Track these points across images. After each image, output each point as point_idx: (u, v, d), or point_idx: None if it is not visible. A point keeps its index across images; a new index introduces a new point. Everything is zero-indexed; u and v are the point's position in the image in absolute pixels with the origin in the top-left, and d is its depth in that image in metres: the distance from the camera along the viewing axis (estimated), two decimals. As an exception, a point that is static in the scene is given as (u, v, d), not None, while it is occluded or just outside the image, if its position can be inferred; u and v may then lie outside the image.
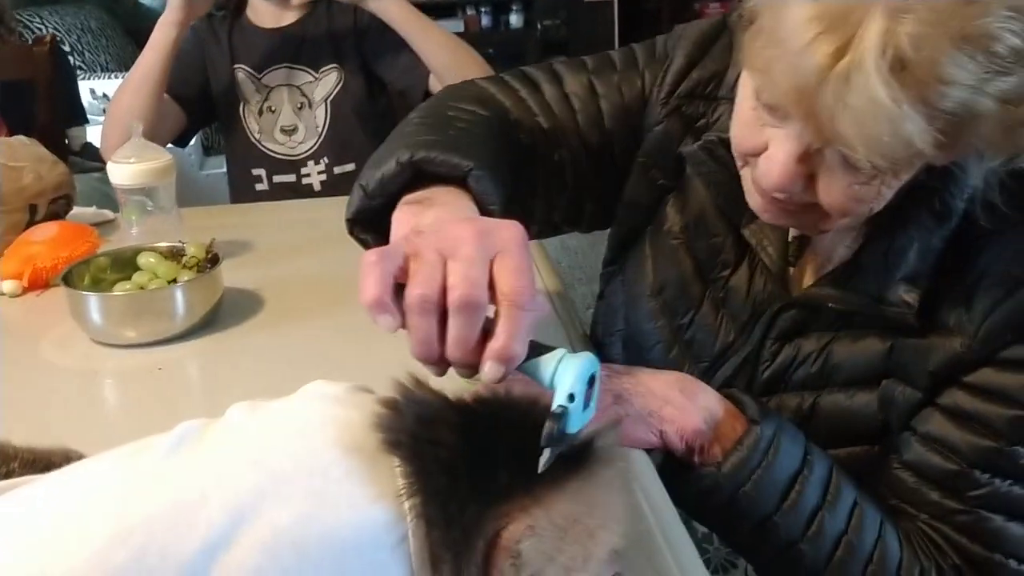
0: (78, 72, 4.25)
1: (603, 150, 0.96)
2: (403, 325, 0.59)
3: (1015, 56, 0.60)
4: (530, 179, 0.94)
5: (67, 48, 4.35)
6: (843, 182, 0.69)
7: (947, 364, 0.78)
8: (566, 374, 0.55)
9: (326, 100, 1.81)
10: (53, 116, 2.09)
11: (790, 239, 0.88)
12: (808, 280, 0.87)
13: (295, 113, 1.81)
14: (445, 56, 1.69)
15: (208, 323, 1.10)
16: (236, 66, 1.80)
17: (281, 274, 1.27)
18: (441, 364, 0.60)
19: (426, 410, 0.52)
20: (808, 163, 0.70)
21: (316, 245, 1.42)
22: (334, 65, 1.78)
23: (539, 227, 1.01)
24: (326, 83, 1.80)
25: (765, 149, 0.73)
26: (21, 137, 1.43)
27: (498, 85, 0.98)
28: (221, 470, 0.50)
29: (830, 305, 0.82)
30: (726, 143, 0.82)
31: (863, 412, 0.83)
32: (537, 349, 0.58)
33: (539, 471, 0.51)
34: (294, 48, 1.80)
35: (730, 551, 0.95)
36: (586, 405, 0.55)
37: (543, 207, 0.98)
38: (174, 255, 1.14)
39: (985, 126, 0.63)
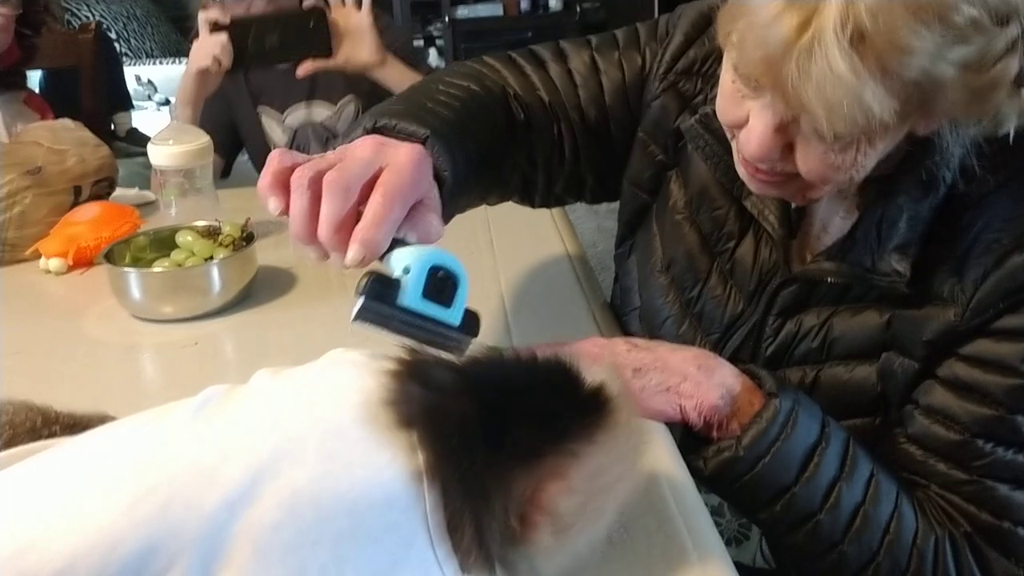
0: (124, 59, 4.34)
1: (602, 125, 0.99)
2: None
3: (972, 25, 0.61)
4: (528, 151, 0.97)
5: (113, 35, 4.44)
6: (819, 151, 0.71)
7: (942, 334, 0.79)
8: (408, 254, 0.60)
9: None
10: (97, 101, 2.14)
11: (792, 208, 0.89)
12: (808, 252, 0.88)
13: (322, 148, 1.84)
14: None
15: (243, 299, 1.14)
16: (259, 108, 1.83)
17: (313, 253, 1.30)
18: (315, 245, 0.66)
19: (437, 372, 0.55)
20: (785, 133, 0.72)
21: (348, 225, 1.44)
22: (350, 96, 1.80)
23: (541, 197, 1.04)
24: (346, 115, 1.82)
25: (747, 121, 0.75)
26: (65, 121, 1.47)
27: (503, 62, 1.00)
28: (242, 432, 0.52)
29: (829, 280, 0.83)
30: None
31: (863, 385, 0.84)
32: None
33: (350, 323, 0.55)
34: (309, 84, 1.81)
35: (743, 523, 0.97)
36: (445, 304, 0.59)
37: (544, 178, 1.00)
38: (211, 234, 1.18)
39: (951, 93, 0.64)
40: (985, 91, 0.65)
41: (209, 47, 1.54)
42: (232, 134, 1.88)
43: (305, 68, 1.60)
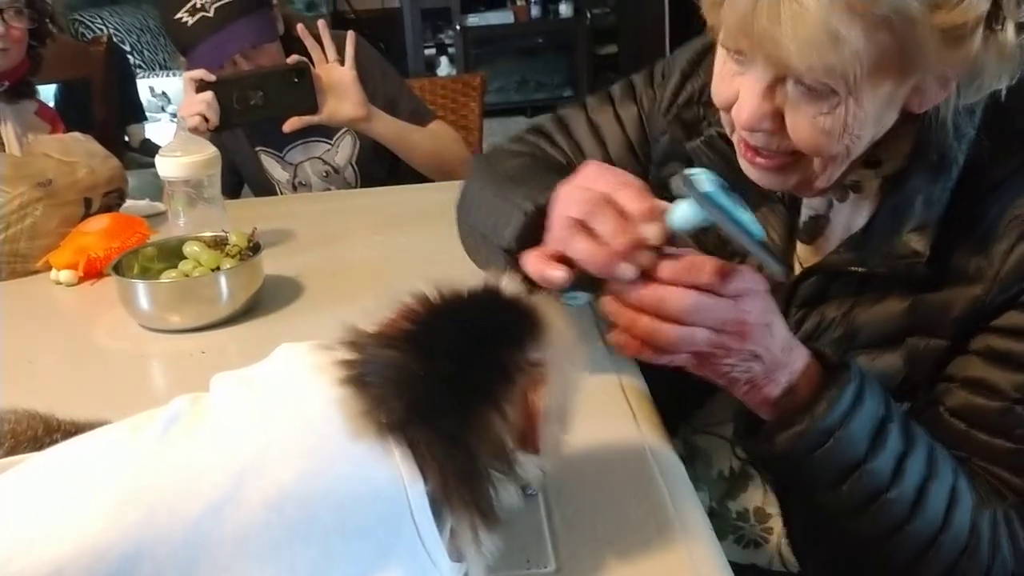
0: (137, 71, 4.38)
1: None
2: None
3: None
4: None
5: (127, 48, 4.48)
6: (808, 115, 0.73)
7: (970, 311, 0.78)
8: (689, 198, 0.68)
9: (351, 162, 1.84)
10: (109, 113, 2.17)
11: (805, 220, 0.89)
12: (824, 254, 0.88)
13: (323, 181, 1.85)
14: (428, 161, 1.77)
15: (249, 309, 1.15)
16: (257, 149, 1.84)
17: (319, 261, 1.31)
18: (617, 265, 0.69)
19: (386, 355, 0.57)
20: (773, 98, 0.74)
21: (353, 233, 1.46)
22: (346, 129, 1.80)
23: None
24: (344, 148, 1.83)
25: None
26: (76, 134, 1.49)
27: (520, 143, 1.09)
28: (222, 439, 0.54)
29: (850, 269, 0.83)
30: (724, 136, 0.88)
31: (887, 372, 0.83)
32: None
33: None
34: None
35: (765, 527, 0.96)
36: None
37: None
38: (218, 244, 1.19)
39: (924, 35, 0.66)
40: (957, 32, 0.66)
41: (195, 106, 1.55)
42: (234, 174, 1.89)
43: (291, 124, 1.62)
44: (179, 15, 1.61)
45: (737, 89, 0.77)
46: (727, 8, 0.72)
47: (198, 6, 1.60)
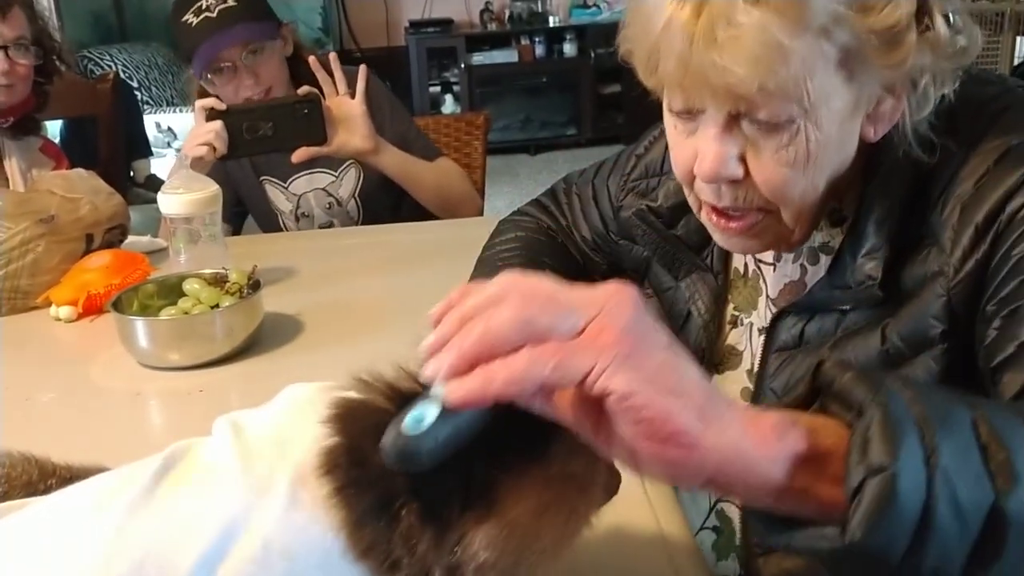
0: (145, 107, 4.41)
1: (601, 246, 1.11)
2: None
3: None
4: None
5: (135, 84, 4.52)
6: (770, 150, 0.71)
7: (946, 304, 0.73)
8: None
9: (354, 195, 1.85)
10: (115, 150, 2.18)
11: (780, 288, 0.87)
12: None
13: (326, 213, 1.86)
14: (433, 196, 1.78)
15: (249, 347, 1.14)
16: (262, 178, 1.85)
17: (320, 299, 1.30)
18: None
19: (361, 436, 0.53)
20: (731, 141, 0.72)
21: (354, 272, 1.47)
22: (351, 161, 1.80)
23: None
24: (348, 181, 1.84)
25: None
26: (79, 170, 1.50)
27: (526, 214, 1.18)
28: (211, 492, 0.53)
29: (839, 307, 0.79)
30: (654, 210, 0.94)
31: None
32: None
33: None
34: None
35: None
36: None
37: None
38: (218, 281, 1.19)
39: (863, 43, 0.67)
40: (892, 33, 0.67)
41: (204, 135, 1.56)
42: (237, 204, 1.90)
43: (299, 155, 1.62)
44: (186, 17, 1.64)
45: (694, 148, 0.74)
46: (663, 60, 0.70)
47: (203, 7, 1.62)
